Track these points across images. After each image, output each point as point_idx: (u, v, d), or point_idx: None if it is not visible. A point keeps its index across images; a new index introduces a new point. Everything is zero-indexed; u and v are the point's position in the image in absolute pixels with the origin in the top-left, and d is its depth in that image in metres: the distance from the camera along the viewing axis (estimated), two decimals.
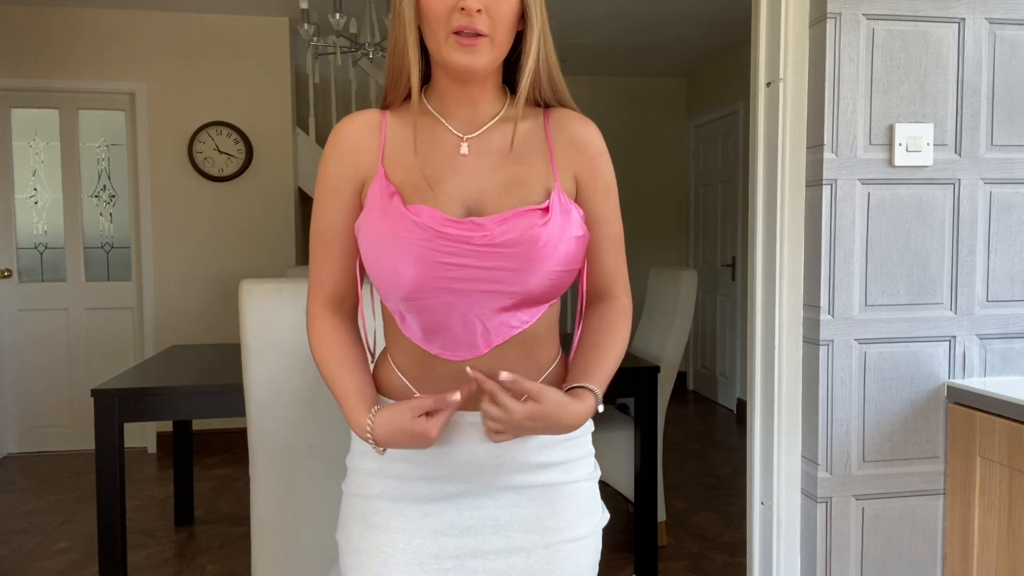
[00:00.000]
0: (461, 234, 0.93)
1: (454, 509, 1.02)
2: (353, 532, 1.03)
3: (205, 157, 4.31)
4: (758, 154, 1.73)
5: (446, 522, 1.02)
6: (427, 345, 0.99)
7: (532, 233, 0.94)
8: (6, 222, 4.24)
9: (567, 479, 1.05)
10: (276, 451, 1.89)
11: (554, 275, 0.96)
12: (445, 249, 0.93)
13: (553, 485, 1.05)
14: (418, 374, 1.01)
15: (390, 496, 1.02)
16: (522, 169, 1.00)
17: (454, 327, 0.96)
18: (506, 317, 0.97)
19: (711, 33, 4.74)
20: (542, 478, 1.04)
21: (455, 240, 0.93)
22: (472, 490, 1.02)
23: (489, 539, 1.02)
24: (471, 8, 0.93)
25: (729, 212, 5.23)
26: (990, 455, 1.54)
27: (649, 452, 2.52)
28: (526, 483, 1.03)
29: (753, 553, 1.78)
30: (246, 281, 1.89)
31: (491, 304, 0.95)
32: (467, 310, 0.95)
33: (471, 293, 0.94)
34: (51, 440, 4.34)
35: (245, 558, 2.89)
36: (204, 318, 4.40)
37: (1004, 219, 1.68)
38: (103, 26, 4.21)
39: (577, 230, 0.98)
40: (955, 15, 1.63)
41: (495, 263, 0.94)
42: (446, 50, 0.95)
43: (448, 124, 1.02)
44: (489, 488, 1.03)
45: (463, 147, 1.00)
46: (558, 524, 1.04)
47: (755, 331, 1.76)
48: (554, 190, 0.99)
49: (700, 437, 4.58)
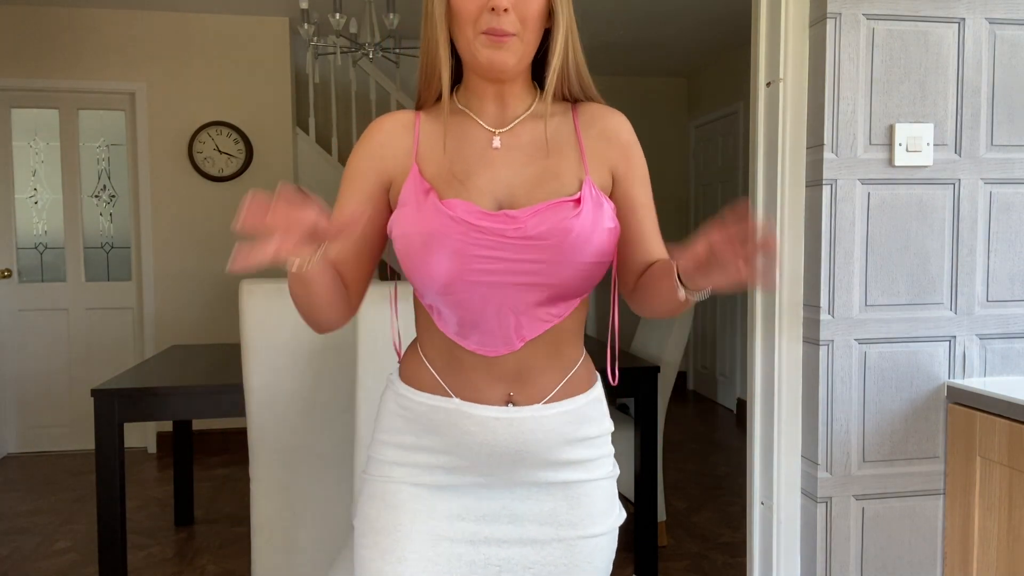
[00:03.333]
0: (495, 227, 0.95)
1: (472, 497, 1.03)
2: (371, 512, 1.04)
3: (205, 157, 4.31)
4: (758, 154, 1.73)
5: (463, 507, 1.03)
6: (462, 340, 1.00)
7: (565, 224, 0.95)
8: (6, 222, 4.24)
9: (586, 477, 1.06)
10: (276, 451, 1.89)
11: (586, 267, 0.97)
12: (480, 242, 0.94)
13: (572, 483, 1.05)
14: (446, 365, 1.02)
15: (410, 481, 1.03)
16: (553, 163, 1.01)
17: (489, 321, 0.97)
18: (539, 311, 0.98)
19: (711, 33, 4.73)
20: (561, 475, 1.04)
21: (489, 233, 0.94)
22: (492, 482, 1.03)
23: (504, 528, 1.03)
24: (500, 7, 0.94)
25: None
26: (990, 455, 1.54)
27: (649, 452, 2.52)
28: (545, 479, 1.04)
29: (753, 553, 1.78)
30: (246, 281, 1.89)
31: (525, 298, 0.97)
32: (501, 304, 0.96)
33: (506, 286, 0.96)
34: (51, 440, 4.34)
35: (245, 558, 2.89)
36: (204, 318, 4.40)
37: (1004, 219, 1.68)
38: (103, 26, 4.21)
39: (609, 222, 0.99)
40: (955, 15, 1.63)
41: (529, 255, 0.95)
42: (476, 48, 0.97)
43: (479, 120, 1.04)
44: (508, 482, 1.04)
45: (495, 141, 1.02)
46: (573, 520, 1.05)
47: (755, 331, 1.76)
48: (585, 182, 0.99)
49: (700, 437, 4.58)
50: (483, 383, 1.01)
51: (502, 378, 1.00)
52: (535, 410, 1.01)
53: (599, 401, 1.09)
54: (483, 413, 1.00)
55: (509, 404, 1.01)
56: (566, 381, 1.04)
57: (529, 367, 1.01)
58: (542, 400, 1.02)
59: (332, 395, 1.96)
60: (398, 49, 3.81)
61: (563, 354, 1.03)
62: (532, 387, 1.01)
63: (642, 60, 5.35)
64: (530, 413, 1.01)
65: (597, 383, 1.10)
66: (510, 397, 1.01)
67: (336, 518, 1.97)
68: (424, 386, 1.04)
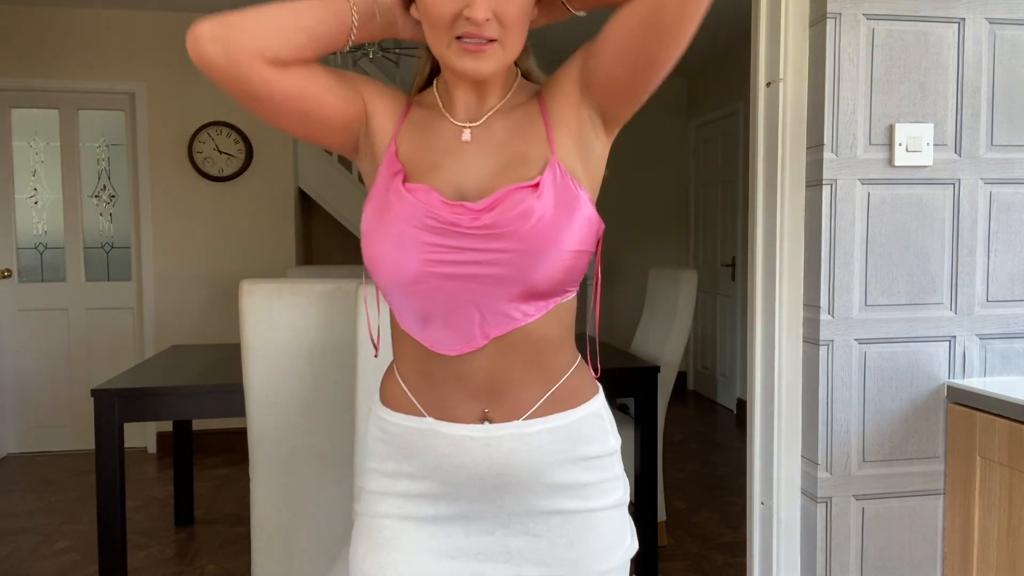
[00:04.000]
0: (450, 216, 0.89)
1: (462, 533, 0.96)
2: (359, 551, 0.99)
3: (205, 157, 4.31)
4: (758, 154, 1.73)
5: (454, 545, 0.96)
6: (423, 336, 0.93)
7: (522, 210, 0.88)
8: (6, 222, 4.24)
9: (587, 507, 0.96)
10: (276, 451, 1.89)
11: (558, 257, 0.88)
12: (435, 230, 0.89)
13: (571, 512, 0.95)
14: (419, 381, 0.96)
15: (395, 515, 0.97)
16: (522, 148, 0.95)
17: (448, 315, 0.91)
18: (507, 307, 0.90)
19: (711, 33, 4.74)
20: (557, 503, 0.95)
21: (444, 222, 0.89)
22: (480, 512, 0.96)
23: (499, 567, 0.95)
24: (478, 19, 0.85)
25: (729, 212, 5.23)
26: (990, 455, 1.54)
27: (649, 452, 2.52)
28: (539, 508, 0.95)
29: (753, 553, 1.78)
30: (246, 281, 1.89)
31: (489, 291, 0.89)
32: (462, 296, 0.90)
33: (466, 278, 0.89)
34: (51, 440, 4.34)
35: (245, 558, 2.89)
36: (204, 318, 4.40)
37: (1004, 219, 1.68)
38: (103, 26, 4.21)
39: (583, 208, 0.91)
40: (955, 15, 1.63)
41: (490, 245, 0.88)
42: (450, 57, 0.90)
43: (452, 115, 0.98)
44: (498, 513, 0.95)
45: (465, 134, 0.96)
46: (575, 557, 0.95)
47: (755, 331, 1.76)
48: (549, 164, 0.91)
49: (700, 437, 4.58)
50: (455, 399, 0.93)
51: (475, 393, 0.92)
52: (514, 427, 0.92)
53: (597, 416, 0.99)
54: (457, 432, 0.93)
55: (485, 422, 0.93)
56: (551, 395, 0.94)
57: (504, 379, 0.92)
58: (521, 416, 0.93)
59: (332, 395, 1.96)
60: (398, 49, 3.81)
61: (544, 364, 0.94)
62: (509, 402, 0.93)
63: None
64: (508, 431, 0.92)
65: (596, 396, 1.00)
66: (485, 414, 0.93)
67: (336, 518, 1.97)
68: (400, 406, 0.98)
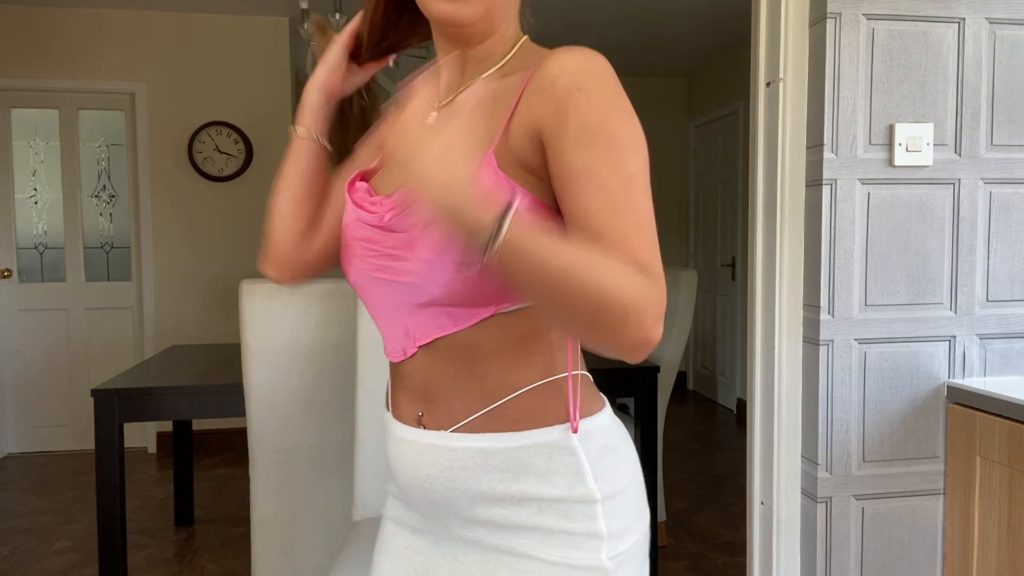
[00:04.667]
0: (369, 212, 0.81)
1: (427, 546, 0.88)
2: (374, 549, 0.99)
3: (205, 157, 4.31)
4: (758, 154, 1.73)
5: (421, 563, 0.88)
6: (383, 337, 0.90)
7: None
8: (6, 222, 4.24)
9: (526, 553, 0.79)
10: (276, 451, 1.89)
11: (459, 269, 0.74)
12: (359, 226, 0.83)
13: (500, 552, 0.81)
14: (391, 381, 0.92)
15: (389, 515, 0.96)
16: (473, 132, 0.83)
17: (383, 320, 0.85)
18: (426, 315, 0.80)
19: (711, 33, 4.74)
20: (480, 536, 0.82)
21: (366, 221, 0.82)
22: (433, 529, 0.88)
23: None
24: None
25: (729, 212, 5.23)
26: (990, 455, 1.54)
27: (649, 452, 2.52)
28: (463, 536, 0.84)
29: (753, 553, 1.78)
30: (246, 281, 1.89)
31: (407, 298, 0.79)
32: (392, 303, 0.82)
33: (388, 283, 0.81)
34: (51, 440, 4.34)
35: (245, 558, 2.89)
36: (204, 318, 4.40)
37: (1004, 219, 1.68)
38: (103, 26, 4.21)
39: None
40: (955, 15, 1.63)
41: (394, 246, 0.78)
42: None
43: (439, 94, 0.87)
44: (449, 533, 0.85)
45: (431, 116, 0.82)
46: None
47: (755, 331, 1.76)
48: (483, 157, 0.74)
49: (700, 437, 4.58)
50: (400, 397, 0.87)
51: (413, 394, 0.85)
52: (440, 437, 0.81)
53: (558, 450, 0.79)
54: (397, 432, 0.87)
55: (421, 426, 0.84)
56: (489, 411, 0.79)
57: (434, 384, 0.82)
58: (450, 427, 0.81)
59: (332, 395, 1.96)
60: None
61: (483, 375, 0.79)
62: (440, 409, 0.82)
63: (642, 60, 5.35)
64: (435, 440, 0.82)
65: (561, 427, 0.80)
66: (420, 418, 0.84)
67: (336, 518, 1.97)
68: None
